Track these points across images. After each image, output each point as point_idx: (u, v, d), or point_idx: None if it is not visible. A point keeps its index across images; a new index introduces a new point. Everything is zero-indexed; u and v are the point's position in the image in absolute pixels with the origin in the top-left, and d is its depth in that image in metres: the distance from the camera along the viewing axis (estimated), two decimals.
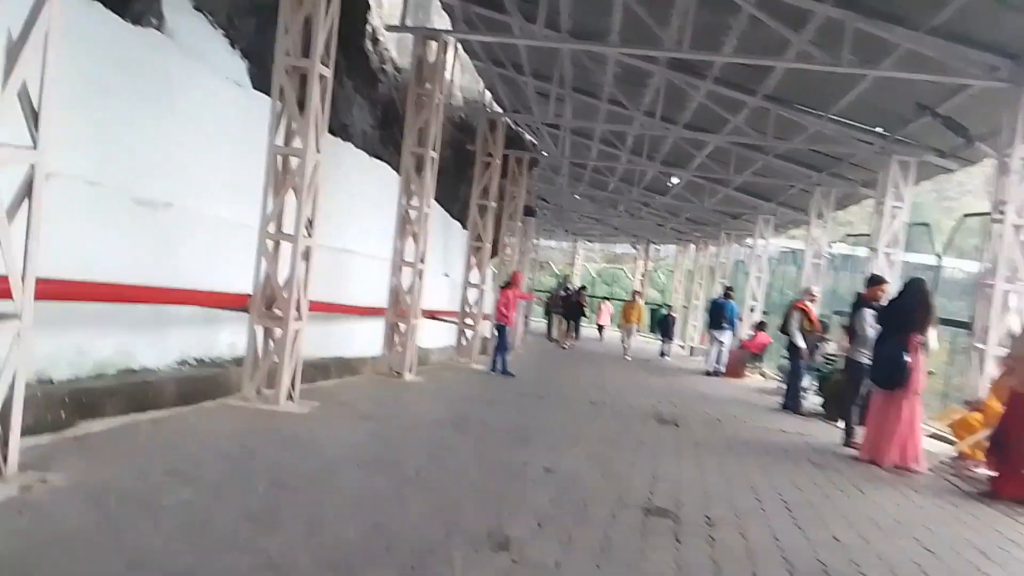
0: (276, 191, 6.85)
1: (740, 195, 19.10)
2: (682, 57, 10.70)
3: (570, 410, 9.10)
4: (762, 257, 19.51)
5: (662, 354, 21.54)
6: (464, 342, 14.16)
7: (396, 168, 10.95)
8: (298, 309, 6.94)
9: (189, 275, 6.88)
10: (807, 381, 12.35)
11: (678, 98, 13.18)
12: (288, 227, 6.87)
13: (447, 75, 12.15)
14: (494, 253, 17.27)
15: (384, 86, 13.08)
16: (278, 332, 6.79)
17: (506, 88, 16.49)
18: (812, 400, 12.06)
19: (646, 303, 33.81)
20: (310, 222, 6.98)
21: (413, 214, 10.22)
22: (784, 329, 12.10)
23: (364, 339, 11.06)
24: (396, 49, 13.71)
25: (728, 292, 17.80)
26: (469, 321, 14.20)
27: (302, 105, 6.80)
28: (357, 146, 11.48)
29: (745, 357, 17.64)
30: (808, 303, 11.97)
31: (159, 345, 7.16)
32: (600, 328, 30.06)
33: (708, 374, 17.48)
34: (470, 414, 7.67)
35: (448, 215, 17.19)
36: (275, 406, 6.61)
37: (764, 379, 17.68)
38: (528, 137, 20.39)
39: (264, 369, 6.81)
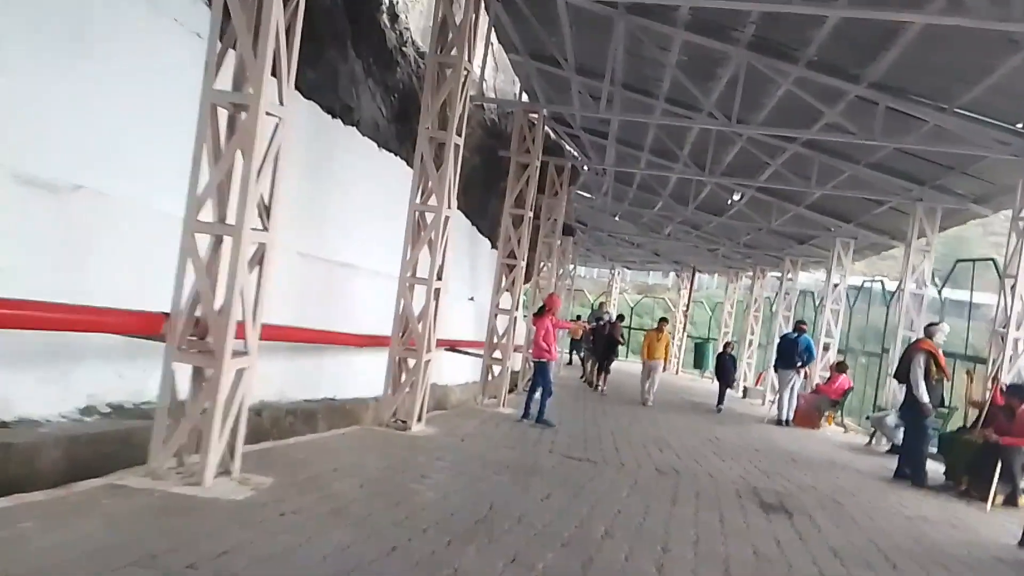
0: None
1: (814, 215, 16.53)
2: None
3: (637, 487, 6.57)
4: (840, 287, 16.85)
5: (719, 406, 16.12)
6: (490, 379, 11.72)
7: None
8: (244, 339, 4.60)
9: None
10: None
11: (757, 89, 10.74)
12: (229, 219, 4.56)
13: (478, 52, 9.96)
14: (527, 277, 14.88)
15: (402, 71, 10.81)
16: (210, 372, 4.43)
17: (546, 85, 14.18)
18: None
19: (689, 337, 31.22)
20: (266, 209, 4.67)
21: (430, 217, 7.86)
22: (902, 376, 9.49)
23: (365, 376, 8.71)
24: (420, 36, 11.42)
25: (800, 326, 15.17)
26: (497, 354, 11.76)
27: None
28: (364, 134, 9.21)
29: (821, 404, 14.95)
30: (935, 343, 9.36)
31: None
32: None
33: (777, 423, 14.82)
34: (499, 501, 5.17)
35: (476, 231, 14.88)
36: (196, 489, 4.24)
37: (844, 431, 14.98)
38: (569, 148, 18.13)
39: (187, 427, 4.45)
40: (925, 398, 9.05)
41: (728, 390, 16.98)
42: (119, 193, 5.40)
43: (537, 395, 9.81)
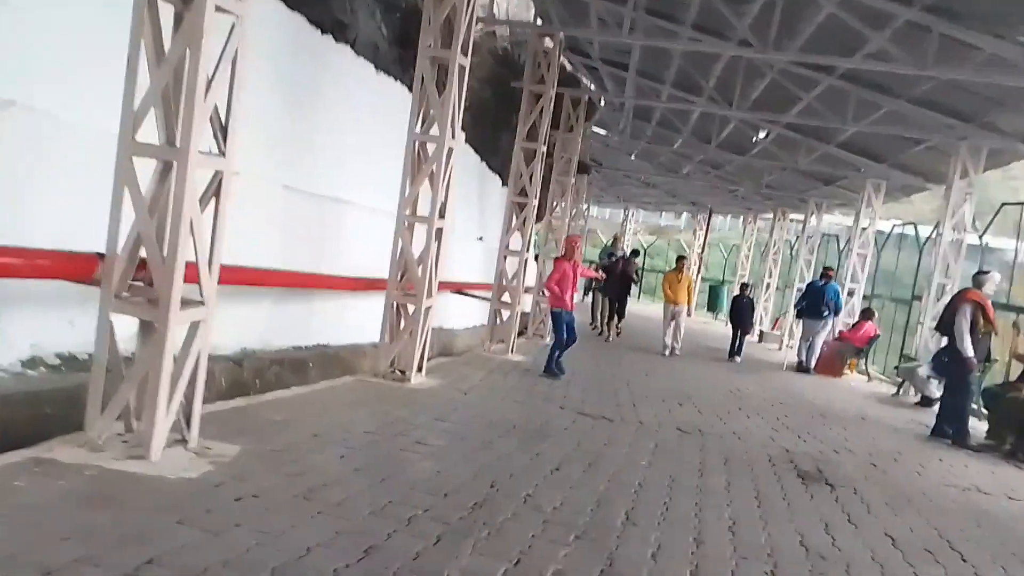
0: None
1: (844, 153, 15.46)
2: None
3: (658, 452, 5.87)
4: (868, 230, 15.90)
5: (733, 354, 14.69)
6: (499, 323, 11.00)
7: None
8: (201, 284, 3.86)
9: None
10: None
11: (796, 12, 9.68)
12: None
13: None
14: (539, 216, 14.04)
15: None
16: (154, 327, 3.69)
17: (563, 10, 13.08)
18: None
19: (703, 279, 30.33)
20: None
21: (431, 148, 7.02)
22: (945, 328, 8.70)
23: (363, 320, 8.00)
24: None
25: (827, 272, 14.33)
26: (506, 298, 11.02)
27: None
28: (360, 55, 8.29)
29: (845, 351, 14.22)
30: (984, 294, 8.53)
31: None
32: None
33: (798, 369, 14.13)
34: (503, 475, 4.45)
35: (487, 167, 13.98)
36: (139, 464, 3.55)
37: (868, 380, 14.28)
38: (585, 81, 17.04)
39: (129, 390, 3.74)
40: (970, 351, 8.26)
41: (745, 336, 15.56)
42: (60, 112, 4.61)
43: (550, 344, 9.06)
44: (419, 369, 7.16)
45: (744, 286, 16.67)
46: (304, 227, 7.32)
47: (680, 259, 15.29)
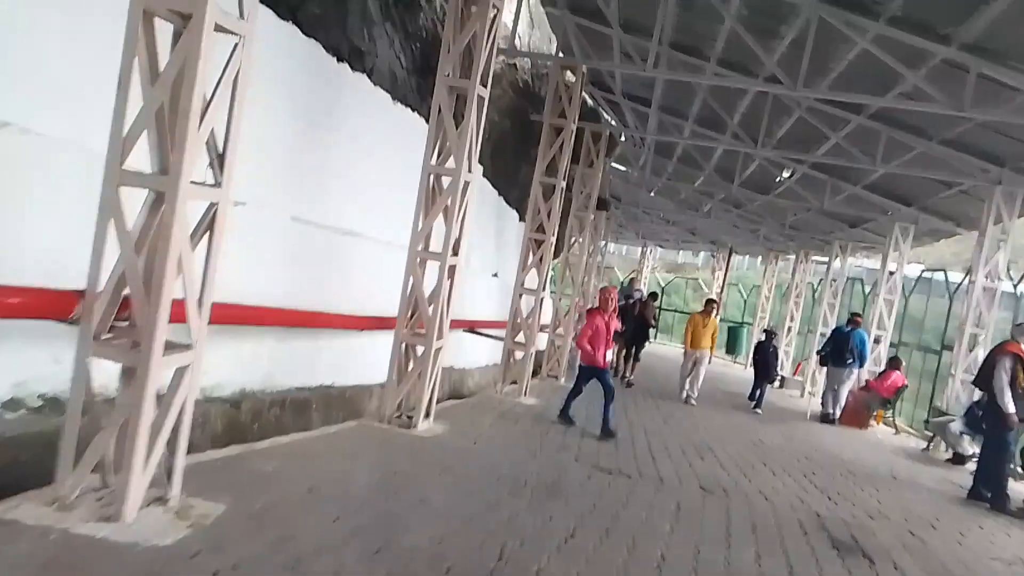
0: None
1: (871, 195, 15.08)
2: None
3: (681, 515, 5.44)
4: (896, 275, 15.44)
5: (754, 400, 13.82)
6: (512, 363, 10.62)
7: None
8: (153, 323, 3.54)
9: None
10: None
11: (827, 49, 9.38)
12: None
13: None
14: (557, 252, 13.72)
15: (426, 17, 9.59)
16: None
17: (586, 44, 12.84)
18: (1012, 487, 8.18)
19: (722, 320, 29.80)
20: None
21: (446, 181, 6.72)
22: (983, 382, 8.24)
23: (372, 358, 7.64)
24: None
25: (855, 319, 13.87)
26: (520, 338, 10.65)
27: None
28: (377, 84, 8.04)
29: (871, 402, 13.70)
30: None
31: None
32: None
33: (822, 419, 13.59)
34: (512, 543, 4.05)
35: (504, 202, 13.69)
36: (110, 528, 3.20)
37: (895, 433, 13.73)
38: (606, 117, 16.81)
39: (104, 442, 3.40)
40: (1011, 408, 7.79)
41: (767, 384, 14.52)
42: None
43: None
44: (427, 414, 6.79)
45: (769, 333, 15.57)
46: (313, 260, 7.01)
47: (710, 303, 14.33)
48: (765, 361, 14.35)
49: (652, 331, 17.43)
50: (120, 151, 3.31)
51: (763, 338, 15.49)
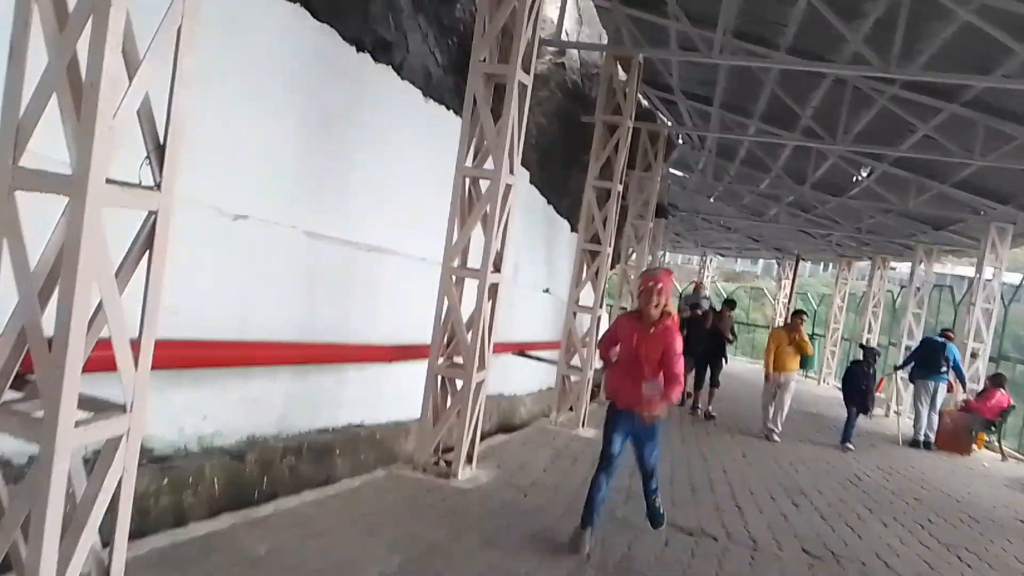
0: None
1: (962, 194, 13.58)
2: None
3: None
4: (993, 281, 13.88)
5: (845, 439, 11.20)
6: (567, 389, 9.55)
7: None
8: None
9: None
10: None
11: (918, 26, 8.13)
12: None
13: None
14: (613, 264, 12.58)
15: (463, 8, 8.65)
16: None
17: (640, 36, 11.78)
18: None
19: None
20: None
21: (484, 186, 5.72)
22: None
23: (406, 390, 6.66)
24: None
25: (947, 333, 12.42)
26: (576, 361, 9.57)
27: None
28: (406, 79, 7.11)
29: (973, 424, 12.20)
30: None
31: None
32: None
33: (914, 444, 12.13)
34: None
35: (554, 211, 12.63)
36: None
37: (1003, 459, 12.18)
38: (662, 118, 15.67)
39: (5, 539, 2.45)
40: None
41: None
42: None
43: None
44: (468, 458, 5.78)
45: (870, 351, 12.36)
46: (333, 282, 6.06)
47: (798, 314, 11.51)
48: (859, 387, 11.46)
49: (730, 347, 14.02)
50: (13, 140, 2.38)
51: (859, 357, 12.32)
